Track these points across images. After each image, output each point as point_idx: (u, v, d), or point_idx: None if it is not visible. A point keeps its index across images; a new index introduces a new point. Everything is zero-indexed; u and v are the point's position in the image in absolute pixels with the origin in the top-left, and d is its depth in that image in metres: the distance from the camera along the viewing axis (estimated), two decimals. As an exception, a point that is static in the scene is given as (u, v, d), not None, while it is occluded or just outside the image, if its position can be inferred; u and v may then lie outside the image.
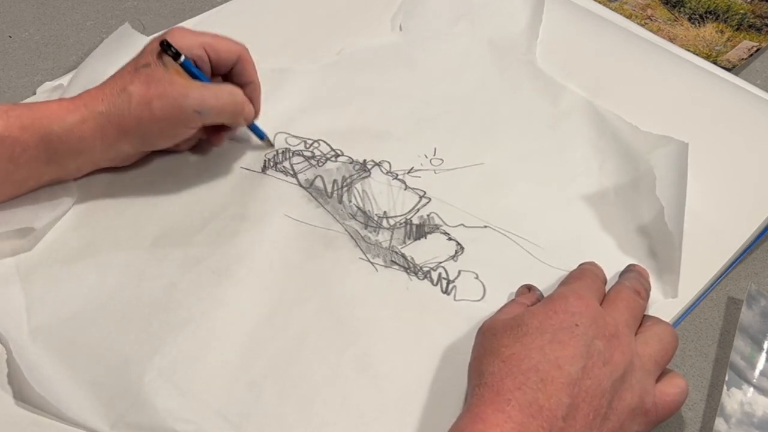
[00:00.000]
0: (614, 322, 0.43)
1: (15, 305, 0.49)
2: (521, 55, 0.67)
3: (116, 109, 0.50)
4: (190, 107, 0.51)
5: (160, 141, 0.53)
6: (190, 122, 0.52)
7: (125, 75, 0.52)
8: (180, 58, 0.51)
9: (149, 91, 0.50)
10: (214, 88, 0.52)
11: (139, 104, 0.50)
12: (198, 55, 0.53)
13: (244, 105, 0.54)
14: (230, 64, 0.55)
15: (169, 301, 0.50)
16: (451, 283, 0.52)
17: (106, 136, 0.51)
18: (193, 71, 0.52)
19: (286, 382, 0.47)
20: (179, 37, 0.52)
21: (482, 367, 0.41)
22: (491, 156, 0.60)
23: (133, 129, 0.51)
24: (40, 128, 0.49)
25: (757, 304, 0.51)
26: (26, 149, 0.50)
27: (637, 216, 0.55)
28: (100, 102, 0.51)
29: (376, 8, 0.71)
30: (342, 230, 0.54)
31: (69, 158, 0.52)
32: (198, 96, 0.51)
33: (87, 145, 0.51)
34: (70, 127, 0.50)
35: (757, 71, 0.70)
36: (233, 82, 0.55)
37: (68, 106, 0.51)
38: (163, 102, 0.50)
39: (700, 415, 0.48)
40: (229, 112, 0.53)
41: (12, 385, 0.46)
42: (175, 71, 0.51)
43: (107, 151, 0.52)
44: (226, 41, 0.54)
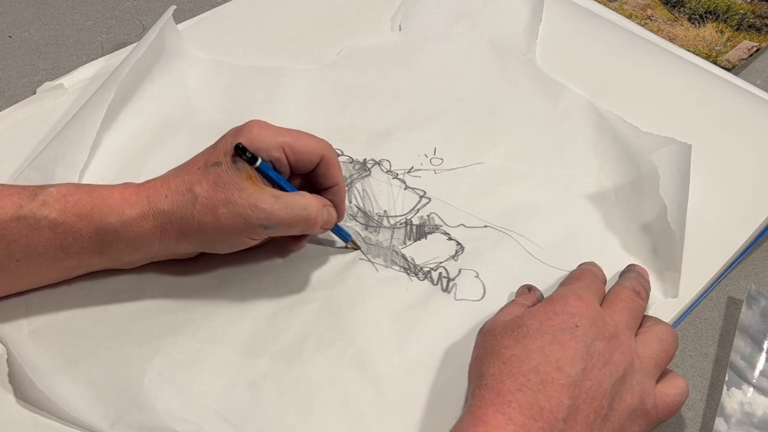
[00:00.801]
0: (614, 323, 0.43)
1: (15, 306, 0.49)
2: (521, 55, 0.67)
3: (179, 209, 0.46)
4: (256, 221, 0.46)
5: (222, 247, 0.49)
6: (254, 234, 0.47)
7: (193, 171, 0.47)
8: (256, 162, 0.46)
9: (216, 195, 0.46)
10: (287, 200, 0.47)
11: (204, 208, 0.46)
12: (276, 157, 0.48)
13: (318, 218, 0.48)
14: (312, 165, 0.49)
15: (169, 301, 0.50)
16: (452, 281, 0.52)
17: (165, 235, 0.47)
18: (271, 175, 0.47)
19: (286, 382, 0.47)
20: (257, 136, 0.47)
21: (483, 368, 0.41)
22: (491, 156, 0.60)
23: (194, 233, 0.47)
24: (97, 218, 0.46)
25: (757, 304, 0.51)
26: (79, 239, 0.46)
27: (637, 216, 0.55)
28: (163, 198, 0.46)
29: (375, 8, 0.71)
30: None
31: (124, 252, 0.48)
32: (267, 209, 0.46)
33: (144, 242, 0.47)
34: (128, 221, 0.46)
35: (757, 71, 0.70)
36: (315, 182, 0.50)
37: (130, 197, 0.47)
38: (229, 210, 0.46)
39: (700, 415, 0.48)
40: (301, 226, 0.48)
41: (13, 384, 0.46)
42: (248, 176, 0.46)
43: (165, 249, 0.48)
44: (308, 140, 0.49)
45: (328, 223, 0.50)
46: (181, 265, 0.51)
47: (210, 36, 0.67)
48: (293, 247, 0.52)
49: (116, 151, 0.57)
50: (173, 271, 0.51)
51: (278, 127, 0.49)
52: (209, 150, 0.48)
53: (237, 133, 0.48)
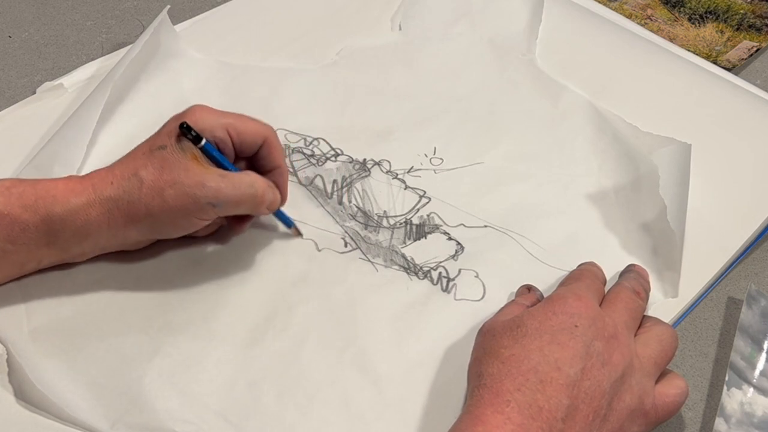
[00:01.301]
0: (613, 323, 0.43)
1: (15, 305, 0.49)
2: (521, 55, 0.67)
3: (125, 194, 0.46)
4: (204, 199, 0.46)
5: (171, 231, 0.49)
6: (203, 214, 0.47)
7: (138, 157, 0.47)
8: (200, 141, 0.47)
9: (162, 177, 0.46)
10: (233, 178, 0.47)
11: (150, 191, 0.46)
12: (220, 137, 0.48)
13: (264, 196, 0.49)
14: (255, 147, 0.50)
15: (169, 302, 0.50)
16: (452, 281, 0.52)
17: (113, 221, 0.47)
18: (215, 156, 0.48)
19: (286, 382, 0.47)
20: (200, 118, 0.48)
21: (482, 368, 0.41)
22: (491, 156, 0.60)
23: (142, 217, 0.47)
24: (42, 208, 0.46)
25: (757, 304, 0.51)
26: (26, 230, 0.46)
27: (637, 216, 0.55)
28: (109, 185, 0.47)
29: (375, 8, 0.71)
30: (342, 231, 0.54)
31: (72, 242, 0.48)
32: (214, 187, 0.46)
33: (92, 230, 0.47)
34: (74, 209, 0.46)
35: (757, 71, 0.70)
36: (258, 165, 0.51)
37: (75, 186, 0.47)
38: (176, 191, 0.46)
39: (700, 415, 0.48)
40: (248, 205, 0.48)
41: (13, 384, 0.46)
42: (193, 156, 0.47)
43: (114, 237, 0.48)
44: (251, 123, 0.50)
45: (273, 204, 0.50)
46: (178, 265, 0.51)
47: (209, 36, 0.67)
48: (236, 231, 0.53)
49: (113, 149, 0.57)
50: (173, 272, 0.51)
51: (221, 110, 0.49)
52: (153, 136, 0.49)
53: (180, 116, 0.48)
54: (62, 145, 0.55)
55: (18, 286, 0.50)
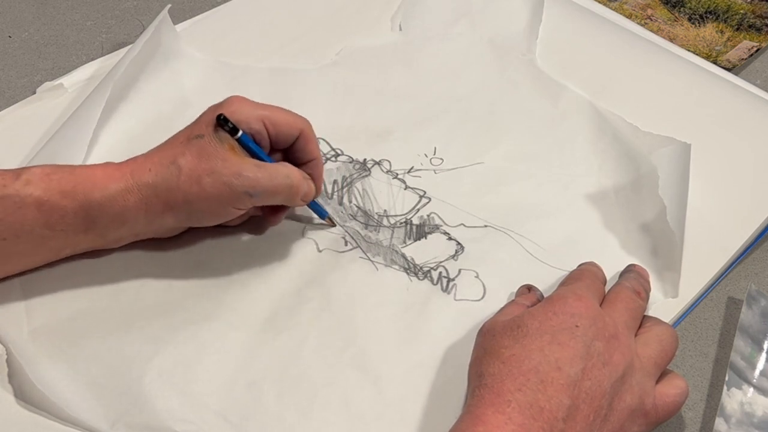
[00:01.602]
0: (614, 323, 0.43)
1: (15, 305, 0.49)
2: (521, 55, 0.67)
3: (164, 181, 0.47)
4: (241, 188, 0.47)
5: (208, 218, 0.50)
6: (240, 203, 0.48)
7: (176, 145, 0.48)
8: (237, 133, 0.48)
9: (200, 166, 0.47)
10: (270, 169, 0.48)
11: (189, 179, 0.47)
12: (257, 129, 0.49)
13: (300, 187, 0.49)
14: (291, 139, 0.50)
15: (169, 302, 0.50)
16: (452, 281, 0.52)
17: (150, 208, 0.48)
18: (252, 147, 0.48)
19: (286, 382, 0.47)
20: (237, 109, 0.48)
21: (482, 368, 0.41)
22: (491, 156, 0.60)
23: (180, 204, 0.47)
24: (81, 195, 0.46)
25: (757, 304, 0.51)
26: (64, 216, 0.46)
27: (637, 216, 0.55)
28: (147, 172, 0.47)
29: (375, 8, 0.71)
30: (342, 232, 0.54)
31: (110, 228, 0.48)
32: (251, 177, 0.47)
33: (129, 216, 0.48)
34: (112, 196, 0.47)
35: (757, 71, 0.70)
36: (294, 157, 0.51)
37: (113, 173, 0.47)
38: (214, 179, 0.47)
39: (700, 415, 0.48)
40: (284, 195, 0.49)
41: (12, 384, 0.46)
42: (230, 146, 0.47)
43: (151, 223, 0.49)
44: (287, 115, 0.50)
45: (308, 195, 0.51)
46: (178, 266, 0.51)
47: (209, 36, 0.67)
48: (272, 221, 0.53)
49: (113, 149, 0.57)
50: (173, 272, 0.51)
51: (258, 102, 0.50)
52: (191, 125, 0.49)
53: (218, 107, 0.49)
54: (63, 145, 0.55)
55: (18, 286, 0.50)
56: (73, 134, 0.56)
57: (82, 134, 0.56)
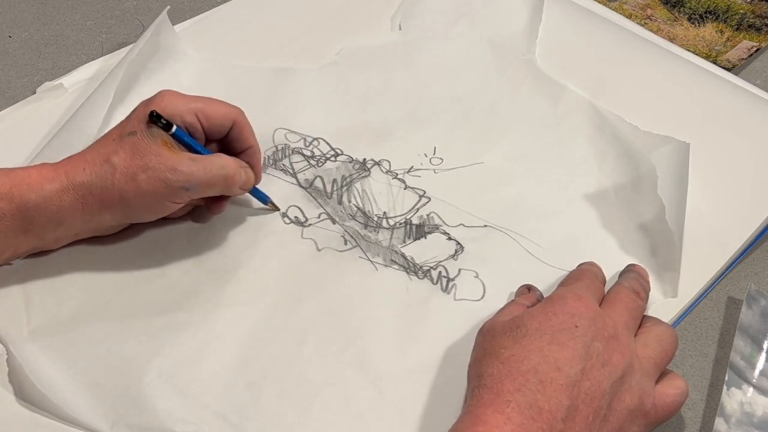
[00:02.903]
0: (613, 324, 0.43)
1: (15, 305, 0.49)
2: (521, 55, 0.67)
3: (98, 180, 0.47)
4: (176, 183, 0.47)
5: (145, 215, 0.50)
6: (176, 197, 0.48)
7: (109, 143, 0.48)
8: (171, 128, 0.48)
9: (134, 163, 0.47)
10: (204, 161, 0.48)
11: (123, 177, 0.47)
12: (190, 122, 0.49)
13: (236, 177, 0.50)
14: (225, 129, 0.51)
15: (168, 302, 0.50)
16: (451, 281, 0.52)
17: (87, 207, 0.48)
18: (186, 141, 0.49)
19: (285, 382, 0.47)
20: (169, 103, 0.49)
21: (482, 368, 0.41)
22: (491, 155, 0.60)
23: (116, 202, 0.48)
24: (17, 196, 0.46)
25: (757, 304, 0.51)
26: (2, 218, 0.46)
27: (637, 216, 0.55)
28: (81, 171, 0.47)
29: (375, 8, 0.71)
30: (341, 231, 0.54)
31: (47, 229, 0.48)
32: (186, 171, 0.47)
33: (66, 216, 0.48)
34: (48, 196, 0.47)
35: (757, 71, 0.70)
36: (230, 147, 0.52)
37: (48, 174, 0.47)
38: (149, 176, 0.47)
39: (700, 415, 0.48)
40: (221, 186, 0.49)
41: (13, 383, 0.46)
42: (163, 142, 0.48)
43: (88, 222, 0.49)
44: (219, 105, 0.51)
45: (247, 184, 0.51)
46: (178, 266, 0.51)
47: (209, 36, 0.67)
48: (214, 211, 0.53)
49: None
50: (173, 272, 0.51)
51: (189, 95, 0.50)
52: (122, 122, 0.49)
53: (149, 103, 0.49)
54: (65, 146, 0.55)
55: (19, 287, 0.50)
56: (75, 135, 0.56)
57: (83, 135, 0.56)
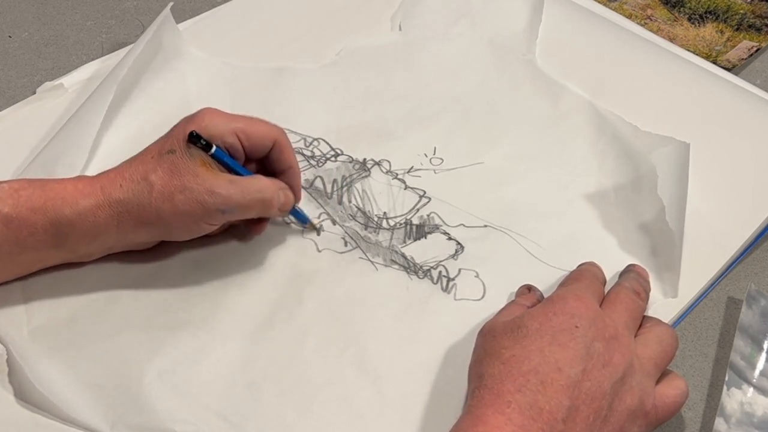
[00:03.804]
0: (613, 324, 0.43)
1: (15, 306, 0.49)
2: (521, 55, 0.67)
3: (135, 197, 0.46)
4: (213, 205, 0.46)
5: (181, 234, 0.49)
6: (213, 219, 0.48)
7: (148, 160, 0.47)
8: (211, 149, 0.47)
9: (172, 182, 0.46)
10: (243, 184, 0.47)
11: (160, 196, 0.46)
12: (230, 143, 0.48)
13: (273, 200, 0.49)
14: (265, 150, 0.50)
15: (169, 302, 0.50)
16: (452, 281, 0.52)
17: (122, 224, 0.47)
18: (226, 161, 0.48)
19: (286, 382, 0.47)
20: (210, 123, 0.48)
21: (482, 369, 0.41)
22: (491, 155, 0.60)
23: (152, 220, 0.47)
24: (51, 211, 0.46)
25: (757, 304, 0.51)
26: (34, 233, 0.46)
27: (637, 216, 0.55)
28: (118, 188, 0.47)
29: (375, 8, 0.71)
30: (342, 232, 0.54)
31: (80, 244, 0.48)
32: (224, 194, 0.46)
33: (100, 232, 0.47)
34: (83, 212, 0.46)
35: (757, 71, 0.70)
36: (270, 167, 0.51)
37: (84, 188, 0.47)
38: (186, 196, 0.46)
39: (700, 415, 0.48)
40: (258, 209, 0.49)
41: (12, 384, 0.46)
42: (202, 162, 0.47)
43: (123, 238, 0.48)
44: (261, 125, 0.50)
45: (286, 206, 0.50)
46: (178, 266, 0.51)
47: (210, 36, 0.67)
48: (254, 232, 0.53)
49: (116, 150, 0.57)
50: (173, 272, 0.51)
51: (231, 114, 0.49)
52: (163, 139, 0.48)
53: (190, 121, 0.48)
54: (65, 146, 0.55)
55: (18, 286, 0.50)
56: (76, 135, 0.56)
57: (84, 135, 0.56)
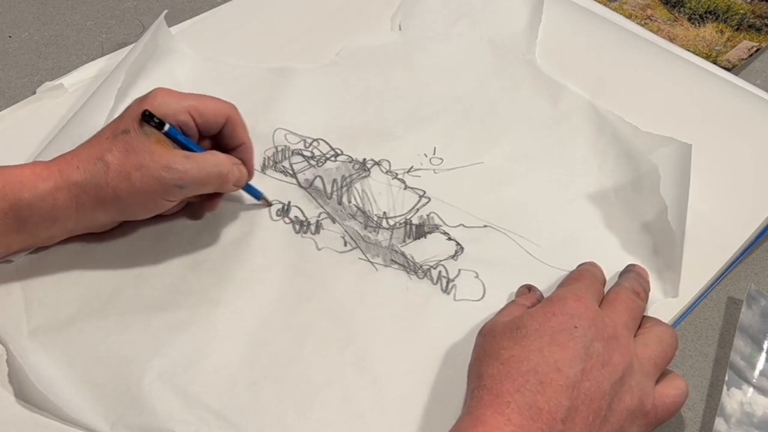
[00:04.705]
0: (613, 324, 0.43)
1: (15, 305, 0.49)
2: (521, 55, 0.67)
3: (92, 178, 0.47)
4: (171, 181, 0.47)
5: (139, 212, 0.50)
6: (170, 195, 0.48)
7: (103, 141, 0.48)
8: (164, 127, 0.48)
9: (128, 161, 0.47)
10: (198, 159, 0.48)
11: (117, 175, 0.47)
12: (183, 120, 0.49)
13: (230, 174, 0.50)
14: (218, 126, 0.51)
15: (168, 302, 0.50)
16: (451, 282, 0.52)
17: (81, 205, 0.48)
18: (180, 139, 0.49)
19: (286, 382, 0.47)
20: (162, 102, 0.49)
21: (481, 369, 0.41)
22: (491, 155, 0.60)
23: (110, 200, 0.48)
24: (10, 195, 0.46)
25: (757, 304, 0.51)
26: None
27: (637, 216, 0.55)
28: (75, 170, 0.47)
29: (375, 8, 0.71)
30: (341, 231, 0.54)
31: (41, 227, 0.48)
32: (180, 168, 0.47)
33: (60, 214, 0.48)
34: (41, 195, 0.47)
35: (757, 71, 0.70)
36: (223, 144, 0.52)
37: (41, 172, 0.47)
38: (143, 174, 0.47)
39: (700, 415, 0.48)
40: (215, 184, 0.50)
41: (13, 384, 0.46)
42: (157, 140, 0.47)
43: (82, 220, 0.49)
44: (212, 102, 0.51)
45: (240, 181, 0.52)
46: (178, 266, 0.51)
47: (209, 36, 0.67)
48: (207, 208, 0.54)
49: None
50: (173, 272, 0.51)
51: (182, 92, 0.50)
52: (116, 120, 0.49)
53: (142, 101, 0.49)
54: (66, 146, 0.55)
55: (18, 287, 0.50)
56: (76, 136, 0.56)
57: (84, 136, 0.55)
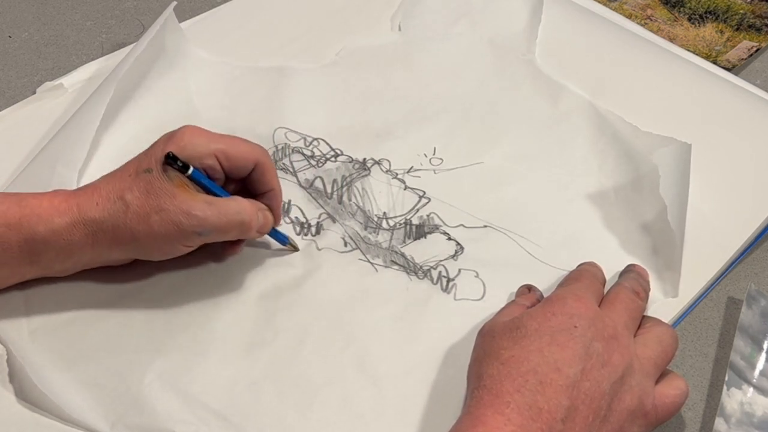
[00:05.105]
0: (613, 324, 0.43)
1: (15, 306, 0.49)
2: (521, 55, 0.67)
3: (110, 217, 0.45)
4: (190, 228, 0.45)
5: (156, 255, 0.48)
6: (188, 242, 0.47)
7: (125, 178, 0.46)
8: (188, 170, 0.46)
9: (147, 203, 0.45)
10: (220, 206, 0.46)
11: (136, 216, 0.45)
12: (209, 165, 0.47)
13: (252, 222, 0.48)
14: (246, 171, 0.49)
15: (169, 302, 0.50)
16: (451, 281, 0.52)
17: (97, 243, 0.46)
18: (204, 183, 0.47)
19: (286, 382, 0.47)
20: (189, 143, 0.47)
21: (481, 369, 0.41)
22: (491, 156, 0.60)
23: (127, 240, 0.46)
24: (25, 228, 0.45)
25: (757, 304, 0.51)
26: (8, 249, 0.45)
27: (637, 216, 0.55)
28: (94, 206, 0.46)
29: (375, 8, 0.71)
30: (342, 231, 0.54)
31: (55, 261, 0.47)
32: (200, 215, 0.45)
33: (75, 250, 0.46)
34: (57, 230, 0.45)
35: (757, 71, 0.70)
36: (251, 187, 0.50)
37: (59, 205, 0.46)
38: (162, 218, 0.45)
39: (700, 415, 0.48)
40: (236, 232, 0.48)
41: (13, 383, 0.46)
42: (179, 182, 0.46)
43: (98, 256, 0.48)
44: (243, 146, 0.48)
45: (264, 227, 0.49)
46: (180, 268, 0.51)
47: (210, 36, 0.67)
48: (229, 252, 0.52)
49: (117, 150, 0.57)
50: (173, 273, 0.51)
51: (212, 133, 0.48)
52: (141, 156, 0.47)
53: (169, 140, 0.47)
54: (65, 145, 0.55)
55: (19, 287, 0.50)
56: (75, 134, 0.56)
57: (84, 134, 0.55)
